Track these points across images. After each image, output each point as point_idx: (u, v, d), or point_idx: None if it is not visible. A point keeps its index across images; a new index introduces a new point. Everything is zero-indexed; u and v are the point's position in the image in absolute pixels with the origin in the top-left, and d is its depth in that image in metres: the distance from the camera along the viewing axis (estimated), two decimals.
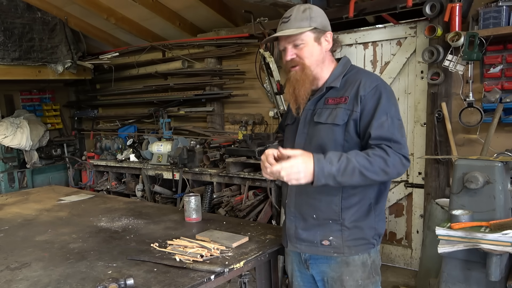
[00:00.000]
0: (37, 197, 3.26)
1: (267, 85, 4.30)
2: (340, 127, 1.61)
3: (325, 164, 1.47)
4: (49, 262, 1.86)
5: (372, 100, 1.59)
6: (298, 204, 1.72)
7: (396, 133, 1.56)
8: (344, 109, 1.61)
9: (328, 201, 1.64)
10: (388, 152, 1.51)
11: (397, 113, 1.61)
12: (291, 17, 1.65)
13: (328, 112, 1.64)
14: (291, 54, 1.67)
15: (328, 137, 1.62)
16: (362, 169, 1.47)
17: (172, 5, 4.71)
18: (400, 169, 1.53)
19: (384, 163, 1.49)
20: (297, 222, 1.73)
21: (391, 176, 1.54)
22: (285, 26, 1.66)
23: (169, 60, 5.38)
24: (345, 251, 1.66)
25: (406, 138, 1.63)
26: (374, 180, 1.51)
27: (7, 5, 5.23)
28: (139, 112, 5.88)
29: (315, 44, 1.67)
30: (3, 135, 5.51)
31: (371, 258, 1.71)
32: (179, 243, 1.96)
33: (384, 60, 3.85)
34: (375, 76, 1.69)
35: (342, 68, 1.72)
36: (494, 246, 1.76)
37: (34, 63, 5.48)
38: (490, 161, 2.01)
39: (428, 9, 3.28)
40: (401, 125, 1.61)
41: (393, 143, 1.53)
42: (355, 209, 1.65)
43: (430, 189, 3.59)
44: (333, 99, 1.66)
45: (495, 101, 3.10)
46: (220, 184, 4.30)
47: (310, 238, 1.70)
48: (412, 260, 3.90)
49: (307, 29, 1.63)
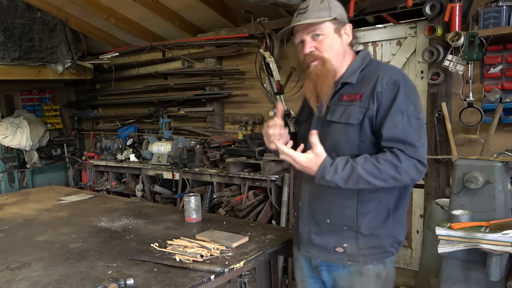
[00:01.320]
0: (37, 197, 3.26)
1: (267, 85, 4.30)
2: (354, 126, 1.50)
3: (328, 172, 1.45)
4: (49, 262, 1.86)
5: (388, 97, 1.47)
6: (312, 207, 1.64)
7: (413, 135, 1.44)
8: (359, 106, 1.50)
9: (342, 205, 1.56)
10: (400, 158, 1.41)
11: (416, 112, 1.47)
12: (308, 7, 1.54)
13: (342, 110, 1.54)
14: (310, 47, 1.54)
15: (342, 138, 1.52)
16: (369, 177, 1.41)
17: (172, 5, 4.71)
18: (414, 175, 1.44)
19: (395, 170, 1.41)
20: (311, 226, 1.65)
21: (403, 183, 1.46)
22: (302, 17, 1.54)
23: (169, 60, 5.38)
24: (360, 260, 1.57)
25: (426, 140, 1.48)
26: (383, 186, 1.45)
27: (7, 5, 5.23)
28: (139, 112, 5.87)
29: (335, 36, 1.55)
30: (3, 135, 5.51)
31: (386, 269, 1.62)
32: (179, 243, 1.96)
33: (384, 60, 3.85)
34: (396, 71, 1.56)
35: (361, 62, 1.59)
36: (494, 246, 1.76)
37: (34, 63, 5.48)
38: (490, 161, 2.01)
39: (428, 9, 3.28)
40: (421, 125, 1.48)
41: (407, 146, 1.42)
42: (372, 215, 1.55)
43: (430, 189, 3.59)
44: (348, 96, 1.55)
45: (495, 101, 3.10)
46: (220, 184, 4.30)
47: (323, 244, 1.62)
48: (412, 260, 3.90)
49: (327, 18, 1.52)
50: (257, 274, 2.03)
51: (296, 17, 1.57)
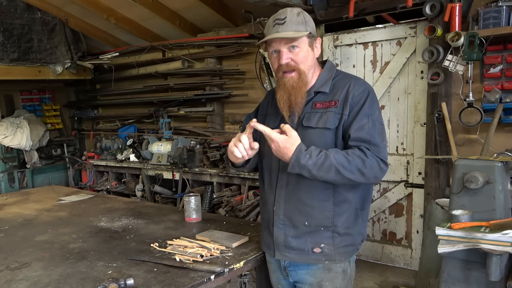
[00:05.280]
0: (37, 197, 3.26)
1: (267, 85, 4.30)
2: (331, 131, 1.61)
3: (303, 156, 1.49)
4: (49, 262, 1.86)
5: (359, 103, 1.60)
6: (288, 211, 1.67)
7: (376, 136, 1.57)
8: (334, 112, 1.61)
9: (321, 207, 1.63)
10: (367, 154, 1.52)
11: (379, 118, 1.62)
12: (286, 19, 1.59)
13: (317, 117, 1.63)
14: (286, 58, 1.61)
15: (319, 141, 1.60)
16: (339, 166, 1.49)
17: (172, 5, 4.71)
18: (377, 172, 1.55)
19: (362, 164, 1.51)
20: (287, 230, 1.68)
21: (367, 178, 1.54)
22: (281, 28, 1.59)
23: (169, 60, 5.38)
24: (336, 258, 1.65)
25: (387, 143, 1.64)
26: (350, 179, 1.52)
27: (6, 5, 5.23)
28: (139, 112, 5.87)
29: (309, 49, 1.64)
30: (3, 135, 5.51)
31: (351, 266, 1.73)
32: (179, 243, 1.96)
33: (384, 60, 3.85)
34: (363, 80, 1.70)
35: (329, 73, 1.71)
36: (494, 246, 1.76)
37: (33, 64, 5.49)
38: (490, 161, 2.01)
39: (428, 9, 3.28)
40: (383, 129, 1.62)
41: (372, 146, 1.54)
42: (346, 215, 1.65)
43: (430, 189, 3.59)
44: (321, 103, 1.65)
45: (495, 101, 3.10)
46: (220, 184, 4.30)
47: (301, 246, 1.66)
48: (412, 260, 3.90)
49: (305, 33, 1.60)
50: (257, 274, 2.03)
51: (274, 26, 1.61)
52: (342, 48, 4.06)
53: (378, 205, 4.01)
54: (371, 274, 3.82)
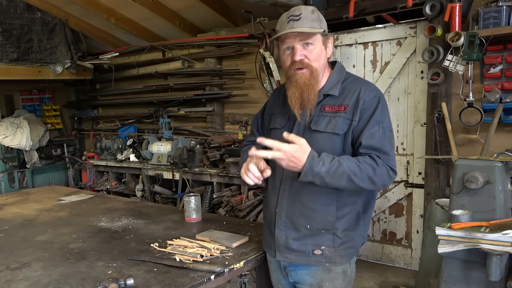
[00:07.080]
0: (37, 197, 3.26)
1: (267, 85, 4.30)
2: (339, 136, 1.58)
3: (316, 163, 1.46)
4: (49, 262, 1.86)
5: (370, 109, 1.58)
6: (291, 213, 1.67)
7: (386, 145, 1.56)
8: (343, 118, 1.59)
9: (324, 211, 1.62)
10: (378, 162, 1.51)
11: (389, 125, 1.61)
12: (301, 15, 1.57)
13: (326, 120, 1.60)
14: (300, 55, 1.58)
15: (327, 146, 1.57)
16: (351, 174, 1.47)
17: (172, 5, 4.71)
18: (386, 180, 1.54)
19: (373, 172, 1.50)
20: (288, 232, 1.68)
21: (376, 186, 1.54)
22: (296, 24, 1.56)
23: (169, 60, 5.38)
24: (336, 260, 1.65)
25: (394, 151, 1.63)
26: (360, 186, 1.51)
27: (6, 5, 5.23)
28: (139, 112, 5.88)
29: (322, 47, 1.62)
30: (3, 135, 5.51)
31: (351, 268, 1.72)
32: (179, 243, 1.96)
33: (384, 60, 3.85)
34: (374, 86, 1.68)
35: (338, 75, 1.68)
36: (494, 246, 1.76)
37: (32, 64, 5.48)
38: (490, 161, 2.01)
39: (428, 9, 3.28)
40: (392, 137, 1.62)
41: (382, 154, 1.53)
42: (347, 218, 1.64)
43: (430, 189, 3.59)
44: (330, 107, 1.62)
45: (495, 101, 3.10)
46: (220, 184, 4.30)
47: (302, 248, 1.66)
48: (412, 260, 3.90)
49: (320, 30, 1.58)
50: (257, 274, 2.03)
51: (288, 23, 1.59)
52: (342, 48, 4.06)
53: (378, 205, 4.01)
54: (371, 274, 3.82)
